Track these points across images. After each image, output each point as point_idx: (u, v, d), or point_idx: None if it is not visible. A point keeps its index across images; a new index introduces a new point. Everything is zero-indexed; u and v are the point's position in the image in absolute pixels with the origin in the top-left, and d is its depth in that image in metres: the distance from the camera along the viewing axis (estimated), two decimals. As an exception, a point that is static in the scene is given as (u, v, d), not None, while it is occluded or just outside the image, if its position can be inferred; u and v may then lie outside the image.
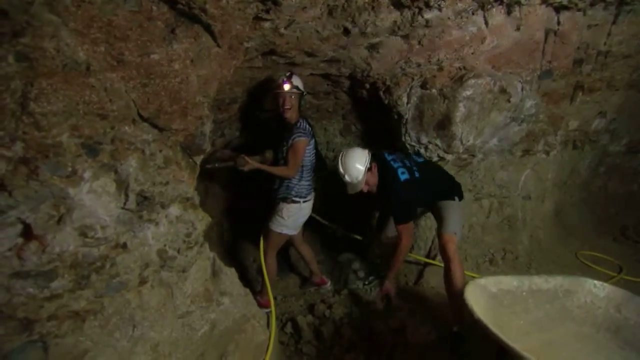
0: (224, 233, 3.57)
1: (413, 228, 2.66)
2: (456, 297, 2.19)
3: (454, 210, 2.40)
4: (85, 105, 1.33)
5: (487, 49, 2.48)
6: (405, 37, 2.46)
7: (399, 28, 2.33)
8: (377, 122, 3.20)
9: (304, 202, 2.62)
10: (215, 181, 3.41)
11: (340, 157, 2.48)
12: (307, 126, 2.55)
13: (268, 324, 2.35)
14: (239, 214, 3.54)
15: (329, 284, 3.09)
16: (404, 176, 2.37)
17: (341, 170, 2.45)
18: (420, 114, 2.72)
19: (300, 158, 2.51)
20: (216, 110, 2.75)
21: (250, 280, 3.06)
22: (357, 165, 2.41)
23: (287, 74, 2.48)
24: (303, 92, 2.53)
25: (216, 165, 2.49)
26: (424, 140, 2.76)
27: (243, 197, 3.53)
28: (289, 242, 2.95)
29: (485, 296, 1.74)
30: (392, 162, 2.45)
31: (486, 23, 2.35)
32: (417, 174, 2.42)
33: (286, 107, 2.49)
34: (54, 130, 1.27)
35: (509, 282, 1.84)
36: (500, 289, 1.80)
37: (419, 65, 2.62)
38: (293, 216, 2.61)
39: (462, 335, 2.11)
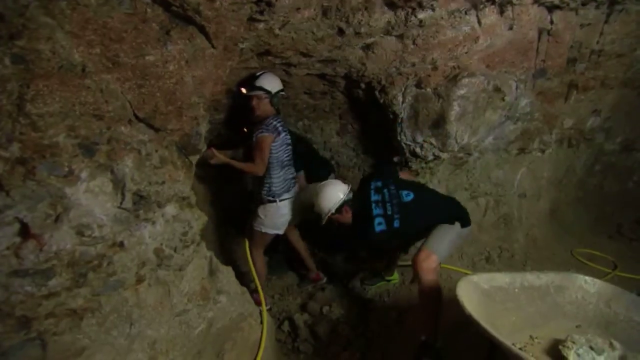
0: (221, 232, 3.59)
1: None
2: (423, 310, 2.10)
3: (443, 232, 2.20)
4: (82, 106, 1.36)
5: (481, 48, 2.51)
6: (400, 37, 2.48)
7: (393, 28, 2.35)
8: (373, 122, 3.22)
9: (281, 201, 2.62)
10: (211, 181, 3.42)
11: (320, 185, 2.43)
12: (275, 123, 2.51)
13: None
14: (235, 213, 3.55)
15: (325, 279, 3.11)
16: (379, 227, 2.19)
17: (313, 199, 2.41)
18: (415, 113, 2.75)
19: (264, 154, 2.49)
20: (213, 110, 2.78)
21: (247, 279, 3.08)
22: (326, 202, 2.33)
23: (257, 74, 2.48)
24: (271, 92, 2.49)
25: None
26: (419, 139, 2.79)
27: (239, 196, 3.55)
28: (286, 240, 2.96)
29: (477, 293, 1.76)
30: (373, 206, 2.25)
31: (479, 23, 2.38)
32: (396, 224, 2.19)
33: (252, 108, 2.53)
34: (51, 131, 1.30)
35: (501, 278, 1.86)
36: (492, 286, 1.83)
37: (413, 64, 2.64)
38: (270, 215, 2.63)
39: (429, 344, 2.02)
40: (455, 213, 2.32)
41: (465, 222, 2.32)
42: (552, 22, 2.63)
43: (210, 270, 2.12)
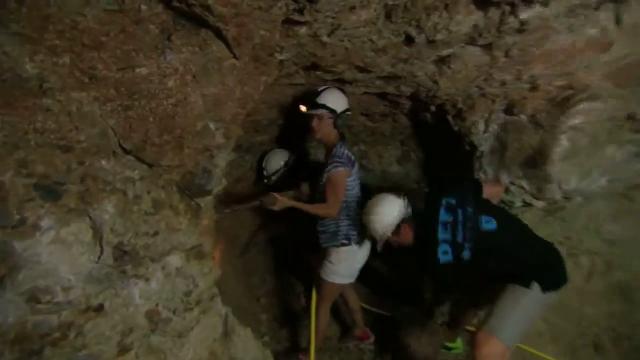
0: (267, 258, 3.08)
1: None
2: None
3: (512, 302, 1.53)
4: (38, 135, 0.94)
5: (612, 59, 1.67)
6: (488, 47, 1.77)
7: (480, 35, 1.66)
8: (443, 152, 2.50)
9: (356, 244, 2.03)
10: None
11: (371, 202, 1.85)
12: (346, 152, 1.98)
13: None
14: (290, 236, 2.99)
15: (372, 339, 2.44)
16: (444, 257, 1.60)
17: (364, 217, 1.85)
18: (502, 146, 1.98)
19: (341, 192, 1.94)
20: (253, 132, 2.33)
21: (290, 323, 2.51)
22: (379, 222, 1.77)
23: (320, 89, 1.96)
24: (336, 112, 1.95)
25: (235, 208, 1.96)
26: (505, 180, 2.00)
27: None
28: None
29: None
30: (440, 228, 1.64)
31: (618, 21, 1.55)
32: (466, 255, 1.59)
33: (311, 129, 2.02)
34: (-12, 169, 0.89)
35: None
36: None
37: (503, 84, 1.90)
38: (345, 261, 2.04)
39: None
40: (543, 266, 1.59)
41: (554, 282, 1.60)
42: None
43: (224, 332, 1.61)
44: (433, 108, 2.22)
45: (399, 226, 1.76)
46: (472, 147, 2.12)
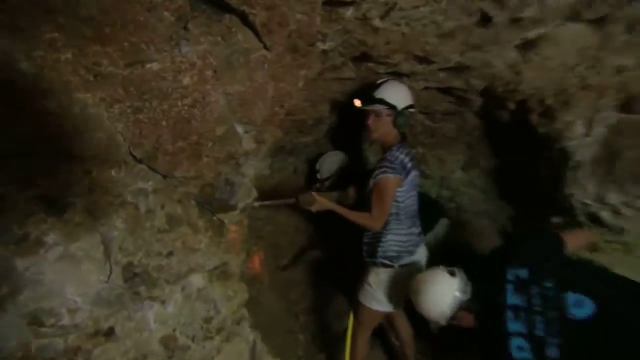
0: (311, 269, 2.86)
1: None
2: None
3: None
4: (39, 141, 0.83)
5: None
6: (598, 22, 1.35)
7: (589, 5, 1.25)
8: (522, 159, 2.04)
9: (401, 266, 1.71)
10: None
11: (419, 279, 1.46)
12: (401, 156, 1.65)
13: None
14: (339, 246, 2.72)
15: (424, 374, 2.11)
16: (520, 354, 1.17)
17: (412, 295, 1.46)
18: (609, 154, 1.51)
19: (388, 202, 1.62)
20: (296, 132, 2.13)
21: (330, 347, 2.28)
22: (431, 307, 1.38)
23: (379, 81, 1.67)
24: (396, 108, 1.63)
25: (267, 203, 1.72)
26: (613, 199, 1.52)
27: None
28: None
29: None
30: (509, 316, 1.20)
31: None
32: (552, 353, 1.14)
33: (367, 127, 1.73)
34: (-17, 180, 0.80)
35: None
36: None
37: (619, 71, 1.44)
38: (385, 286, 1.73)
39: None
40: None
41: None
42: None
43: (250, 358, 1.44)
44: (511, 105, 1.80)
45: (454, 313, 1.36)
46: (563, 154, 1.66)
